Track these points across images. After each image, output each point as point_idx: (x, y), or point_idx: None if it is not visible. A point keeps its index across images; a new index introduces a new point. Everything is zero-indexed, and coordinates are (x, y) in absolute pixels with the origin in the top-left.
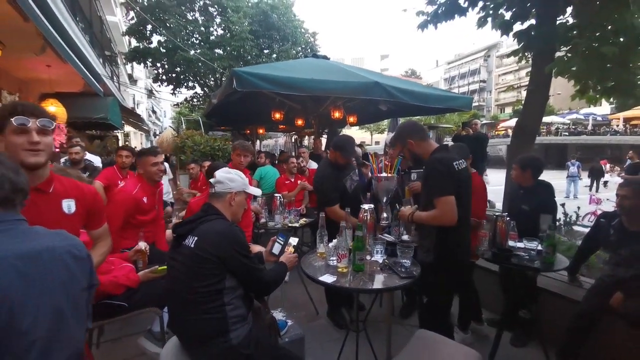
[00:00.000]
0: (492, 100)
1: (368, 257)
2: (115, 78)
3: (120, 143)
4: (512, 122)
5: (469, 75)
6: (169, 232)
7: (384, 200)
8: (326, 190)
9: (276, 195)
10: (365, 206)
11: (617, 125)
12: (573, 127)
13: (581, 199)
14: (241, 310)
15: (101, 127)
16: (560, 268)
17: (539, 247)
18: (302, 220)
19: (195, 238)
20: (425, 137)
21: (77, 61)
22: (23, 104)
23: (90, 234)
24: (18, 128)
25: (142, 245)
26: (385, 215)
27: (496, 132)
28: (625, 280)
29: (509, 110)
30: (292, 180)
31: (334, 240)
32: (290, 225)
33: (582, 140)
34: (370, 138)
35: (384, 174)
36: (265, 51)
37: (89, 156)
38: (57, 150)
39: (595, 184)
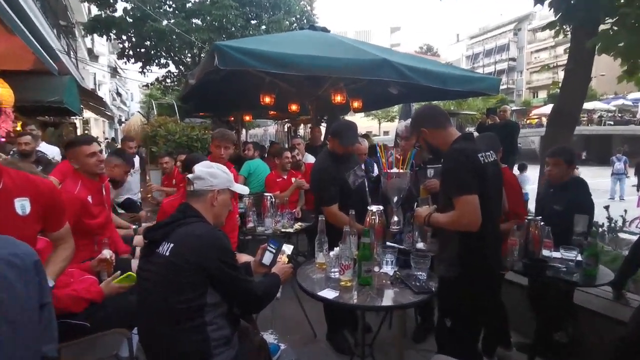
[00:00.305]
0: (524, 83)
1: (376, 269)
2: (72, 53)
3: (79, 132)
4: (547, 108)
5: (496, 53)
6: (139, 238)
7: (395, 201)
8: (323, 186)
9: (266, 194)
10: (373, 207)
11: None
12: (619, 115)
13: (628, 200)
14: (225, 332)
15: (56, 113)
16: (604, 283)
17: (579, 258)
18: (297, 225)
19: (171, 244)
20: (444, 125)
21: (27, 32)
22: None
23: (50, 236)
24: None
25: (107, 253)
26: (396, 218)
27: (528, 121)
28: None
29: (543, 94)
30: (285, 177)
31: (336, 249)
32: (283, 230)
33: (630, 131)
34: (377, 127)
35: (394, 170)
36: (253, 22)
37: (43, 147)
38: (4, 140)
39: None
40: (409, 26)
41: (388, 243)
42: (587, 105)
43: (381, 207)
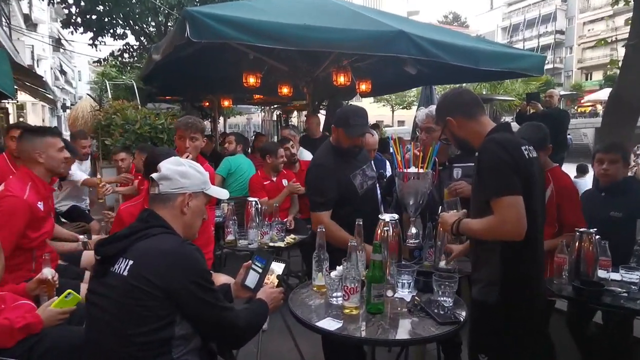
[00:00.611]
0: (574, 61)
1: (390, 293)
2: (3, 20)
3: (12, 119)
4: (604, 93)
5: (540, 24)
6: (89, 255)
7: (413, 209)
8: (321, 187)
9: (250, 199)
10: (387, 217)
11: None
12: None
13: None
14: None
15: None
16: None
17: None
18: (290, 239)
19: (130, 262)
20: (476, 113)
21: None
22: None
23: None
24: None
25: (48, 273)
26: (414, 230)
27: (579, 109)
28: None
29: (598, 76)
30: (275, 179)
31: (339, 268)
32: (271, 244)
33: None
34: (391, 116)
35: (412, 169)
36: None
37: None
38: None
39: None
40: None
41: (404, 262)
42: None
43: (396, 217)
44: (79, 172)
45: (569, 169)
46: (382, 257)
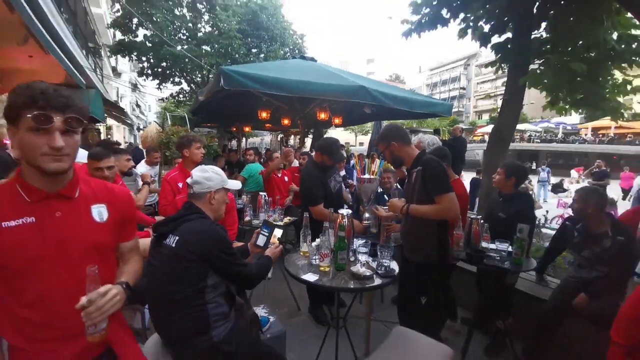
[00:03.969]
0: (471, 107)
1: (352, 258)
2: (98, 71)
3: (102, 136)
4: (489, 128)
5: (450, 82)
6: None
7: (366, 201)
8: (312, 189)
9: (261, 193)
10: (343, 211)
11: (586, 135)
12: (545, 134)
13: (550, 202)
14: (223, 308)
15: None
16: (529, 269)
17: (509, 249)
18: (286, 219)
19: (177, 237)
20: (409, 142)
21: (60, 52)
22: (44, 90)
23: (122, 247)
24: (36, 126)
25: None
26: (367, 215)
27: (474, 137)
28: (588, 281)
29: (486, 117)
30: (279, 175)
31: (317, 239)
32: (274, 224)
33: (553, 148)
34: (354, 139)
35: (366, 176)
36: (254, 50)
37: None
38: None
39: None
40: (382, 58)
41: (361, 236)
42: (520, 127)
43: (350, 211)
44: (145, 169)
45: (468, 175)
46: (345, 234)
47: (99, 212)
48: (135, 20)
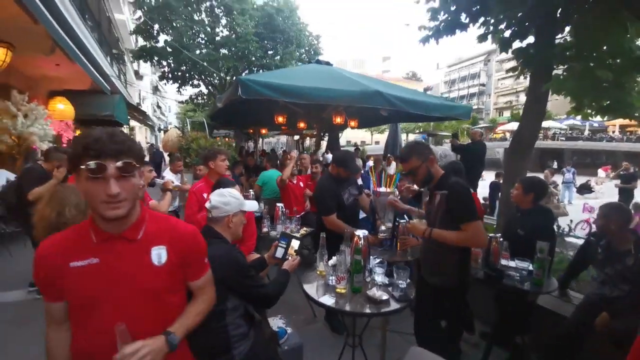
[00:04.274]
0: (491, 104)
1: (368, 279)
2: (122, 76)
3: None
4: (510, 125)
5: (469, 79)
6: None
7: (383, 214)
8: (326, 199)
9: (278, 205)
10: (359, 232)
11: (613, 132)
12: (570, 132)
13: (575, 205)
14: (243, 329)
15: (107, 124)
16: (550, 290)
17: (530, 267)
18: (303, 230)
19: None
20: (435, 160)
21: (85, 61)
22: (97, 138)
23: (191, 286)
24: (91, 175)
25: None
26: (383, 228)
27: (494, 135)
28: (610, 299)
29: (507, 113)
30: (294, 182)
31: (334, 258)
32: (291, 235)
33: (579, 146)
34: (370, 137)
35: (382, 189)
36: (270, 52)
37: None
38: (65, 145)
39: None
40: (398, 55)
41: (378, 248)
42: (544, 124)
43: (366, 232)
44: (171, 177)
45: (489, 175)
46: (361, 257)
47: (158, 254)
48: (156, 27)
